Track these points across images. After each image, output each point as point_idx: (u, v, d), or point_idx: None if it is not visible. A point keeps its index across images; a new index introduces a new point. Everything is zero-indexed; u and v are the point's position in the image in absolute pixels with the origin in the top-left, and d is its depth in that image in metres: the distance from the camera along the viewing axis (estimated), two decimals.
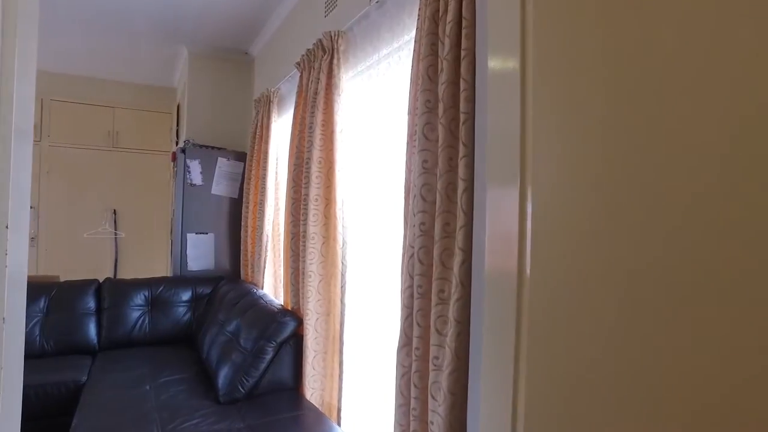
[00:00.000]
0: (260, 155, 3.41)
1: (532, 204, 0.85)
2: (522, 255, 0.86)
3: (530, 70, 0.87)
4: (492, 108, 0.98)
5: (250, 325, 2.42)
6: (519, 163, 0.88)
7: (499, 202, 0.93)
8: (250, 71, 4.46)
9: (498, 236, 0.93)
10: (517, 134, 0.89)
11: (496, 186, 0.95)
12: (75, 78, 5.21)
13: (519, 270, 0.87)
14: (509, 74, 0.92)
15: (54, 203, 5.07)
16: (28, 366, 2.66)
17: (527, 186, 0.87)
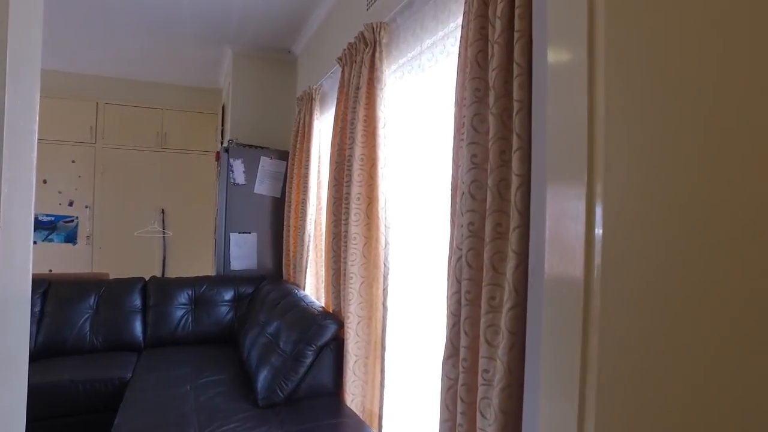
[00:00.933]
0: (302, 154, 3.37)
1: (603, 203, 0.73)
2: (590, 261, 0.74)
3: (600, 57, 0.75)
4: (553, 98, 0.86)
5: (290, 328, 2.37)
6: (586, 159, 0.76)
7: (562, 201, 0.81)
8: (293, 70, 4.45)
9: (560, 239, 0.81)
10: (583, 127, 0.77)
11: (558, 183, 0.83)
12: (127, 82, 5.35)
13: (586, 278, 0.74)
14: (574, 62, 0.80)
15: (107, 203, 5.22)
16: (78, 361, 2.70)
17: (596, 183, 0.74)
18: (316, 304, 2.57)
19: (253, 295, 3.41)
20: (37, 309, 3.10)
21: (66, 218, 5.12)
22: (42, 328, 3.05)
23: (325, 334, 2.24)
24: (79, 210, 5.16)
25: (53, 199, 5.09)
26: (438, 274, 1.74)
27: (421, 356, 1.91)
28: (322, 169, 3.21)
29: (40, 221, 5.06)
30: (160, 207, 5.36)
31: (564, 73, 0.83)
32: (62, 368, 2.71)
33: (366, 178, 2.20)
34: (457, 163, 1.37)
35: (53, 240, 5.09)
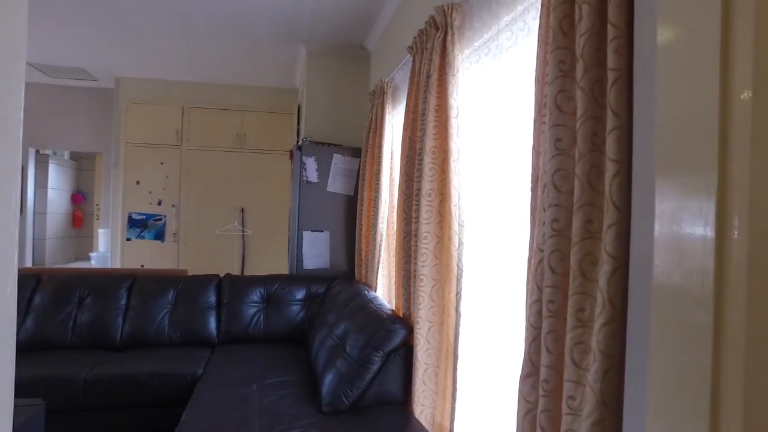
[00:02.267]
0: (374, 150, 3.26)
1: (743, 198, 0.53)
2: (723, 272, 0.54)
3: (738, 23, 0.55)
4: (666, 63, 0.66)
5: (357, 331, 2.26)
6: (717, 141, 0.56)
7: (680, 194, 0.61)
8: (366, 66, 4.37)
9: (676, 240, 0.61)
10: (713, 108, 0.57)
11: (673, 171, 0.63)
12: (209, 86, 5.55)
13: (717, 294, 0.55)
14: (698, 30, 0.60)
15: (191, 202, 5.45)
16: (157, 354, 2.77)
17: (731, 173, 0.54)
18: (386, 307, 2.45)
19: (324, 295, 3.36)
20: (123, 302, 3.24)
21: (155, 217, 5.39)
22: (127, 321, 3.17)
23: (394, 340, 2.11)
24: (167, 209, 5.42)
25: (144, 199, 5.38)
26: (517, 279, 1.55)
27: (498, 370, 1.72)
28: (395, 165, 3.09)
29: (134, 219, 5.36)
30: (239, 206, 5.51)
31: (683, 30, 0.63)
32: (142, 360, 2.79)
33: (438, 173, 2.04)
34: (537, 151, 1.18)
35: (144, 237, 5.37)
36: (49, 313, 3.14)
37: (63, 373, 2.61)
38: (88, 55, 4.91)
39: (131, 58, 4.93)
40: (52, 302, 3.18)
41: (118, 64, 5.15)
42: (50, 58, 5.06)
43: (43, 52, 4.89)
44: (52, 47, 4.75)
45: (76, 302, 3.20)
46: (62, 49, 4.79)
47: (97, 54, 4.87)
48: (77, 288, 3.23)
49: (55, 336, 3.09)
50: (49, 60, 5.13)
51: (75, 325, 3.12)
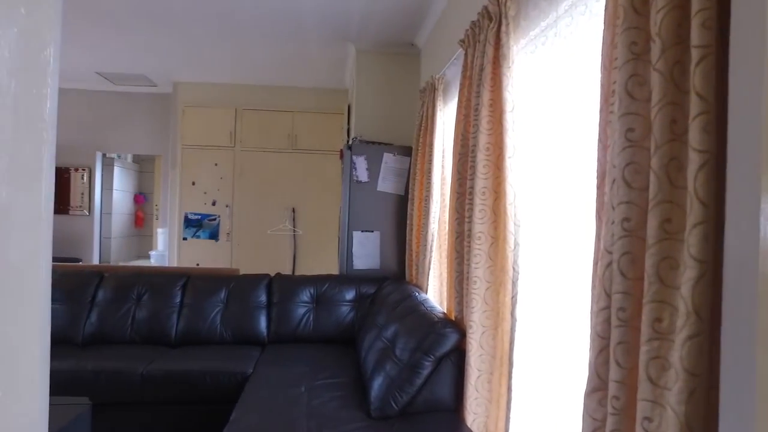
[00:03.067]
0: (425, 148, 3.19)
1: None
2: None
3: None
4: None
5: (407, 334, 2.19)
6: None
7: None
8: (416, 63, 4.30)
9: None
10: None
11: None
12: (261, 88, 5.64)
13: None
14: None
15: (244, 202, 5.56)
16: (208, 352, 2.81)
17: None
18: (437, 310, 2.37)
19: (374, 296, 3.32)
20: (177, 300, 3.31)
21: (210, 217, 5.53)
22: (181, 318, 3.24)
23: (445, 344, 2.03)
24: (221, 209, 5.54)
25: (200, 199, 5.53)
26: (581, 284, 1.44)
27: (558, 381, 1.61)
28: (446, 163, 3.01)
29: (190, 219, 5.52)
30: (291, 206, 5.57)
31: None
32: (195, 358, 2.84)
33: (492, 170, 1.94)
34: (604, 143, 1.07)
35: (200, 236, 5.52)
36: (110, 309, 3.26)
37: (122, 367, 2.69)
38: (148, 61, 5.09)
39: (187, 62, 5.07)
40: (113, 299, 3.29)
41: (175, 69, 5.31)
42: (115, 66, 5.29)
43: (109, 61, 5.11)
44: (117, 56, 4.95)
45: (134, 299, 3.30)
46: (125, 57, 4.99)
47: (157, 60, 5.03)
48: (135, 285, 3.34)
49: (115, 331, 3.19)
50: (114, 68, 5.36)
51: (133, 321, 3.22)
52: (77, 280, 3.37)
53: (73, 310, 3.25)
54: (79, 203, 6.14)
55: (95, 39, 4.51)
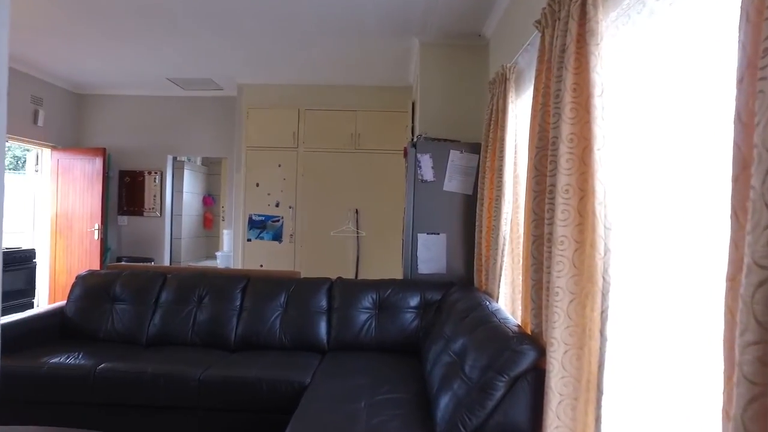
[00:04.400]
0: (496, 144, 2.94)
1: None
2: None
3: None
4: None
5: (478, 349, 1.97)
6: None
7: None
8: (484, 55, 4.05)
9: None
10: None
11: None
12: (323, 87, 5.58)
13: None
14: None
15: (307, 203, 5.51)
16: (266, 358, 2.68)
17: None
18: (511, 322, 2.12)
19: (440, 303, 3.11)
20: (237, 303, 3.26)
21: (273, 218, 5.52)
22: (241, 322, 3.18)
23: (521, 363, 1.79)
24: (284, 210, 5.52)
25: (263, 201, 5.53)
26: (700, 304, 1.17)
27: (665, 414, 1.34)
28: (520, 160, 2.75)
29: (254, 220, 5.54)
30: (354, 207, 5.45)
31: None
32: (253, 364, 2.75)
33: (576, 165, 1.68)
34: (747, 122, 0.82)
35: (263, 238, 5.52)
36: (172, 310, 3.25)
37: (180, 371, 2.64)
38: (214, 65, 5.15)
39: (251, 65, 5.09)
40: (175, 300, 3.29)
41: (239, 72, 5.35)
42: (183, 72, 5.40)
43: (178, 67, 5.22)
44: (185, 62, 5.04)
45: (195, 301, 3.28)
46: (193, 63, 5.07)
47: (222, 64, 5.08)
48: (197, 287, 3.32)
49: (177, 333, 3.18)
50: (183, 74, 5.48)
51: (194, 324, 3.19)
52: (142, 281, 3.39)
53: (138, 311, 3.27)
54: (152, 205, 6.34)
55: (166, 47, 4.60)
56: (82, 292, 3.38)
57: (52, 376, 2.68)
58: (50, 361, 2.74)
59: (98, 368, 2.68)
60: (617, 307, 1.59)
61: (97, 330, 3.24)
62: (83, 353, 2.86)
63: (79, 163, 6.08)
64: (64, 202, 6.12)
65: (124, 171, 6.37)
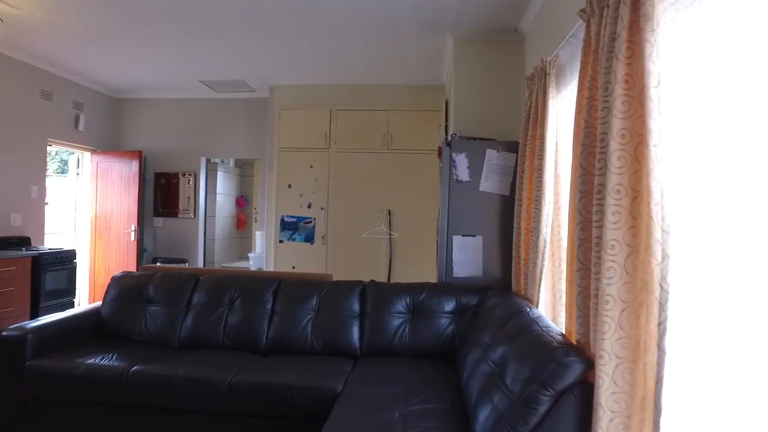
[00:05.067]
0: (535, 142, 2.81)
1: None
2: None
3: None
4: None
5: (520, 359, 1.85)
6: None
7: None
8: (520, 50, 3.91)
9: None
10: None
11: None
12: (355, 87, 5.53)
13: None
14: None
15: (339, 205, 5.46)
16: (298, 363, 2.60)
17: None
18: (554, 330, 1.99)
19: (476, 308, 2.99)
20: (269, 306, 3.22)
21: (305, 219, 5.49)
22: (272, 325, 3.14)
23: (567, 376, 1.66)
24: (316, 212, 5.49)
25: (295, 202, 5.51)
26: None
27: None
28: (561, 159, 2.62)
29: (286, 222, 5.52)
30: (386, 208, 5.37)
31: None
32: (284, 370, 2.69)
33: (629, 163, 1.55)
34: None
35: (295, 239, 5.50)
36: (204, 312, 3.23)
37: (211, 376, 2.60)
38: (246, 67, 5.15)
39: (282, 66, 5.07)
40: (206, 302, 3.27)
41: (271, 73, 5.34)
42: (216, 74, 5.44)
43: (211, 69, 5.25)
44: (218, 64, 5.07)
45: (227, 304, 3.25)
46: (225, 65, 5.09)
47: (254, 65, 5.08)
48: (228, 289, 3.29)
49: (209, 335, 3.16)
50: (216, 76, 5.51)
51: (226, 326, 3.16)
52: (175, 283, 3.38)
53: (170, 312, 3.26)
54: (186, 207, 6.41)
55: (199, 49, 4.63)
56: (117, 294, 3.40)
57: (87, 377, 2.68)
58: (86, 362, 2.75)
59: (131, 371, 2.67)
60: (678, 319, 1.45)
61: (131, 331, 3.25)
62: (117, 355, 2.87)
63: (117, 166, 6.19)
64: (102, 204, 6.25)
65: (160, 173, 6.46)
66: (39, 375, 2.73)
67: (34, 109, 5.25)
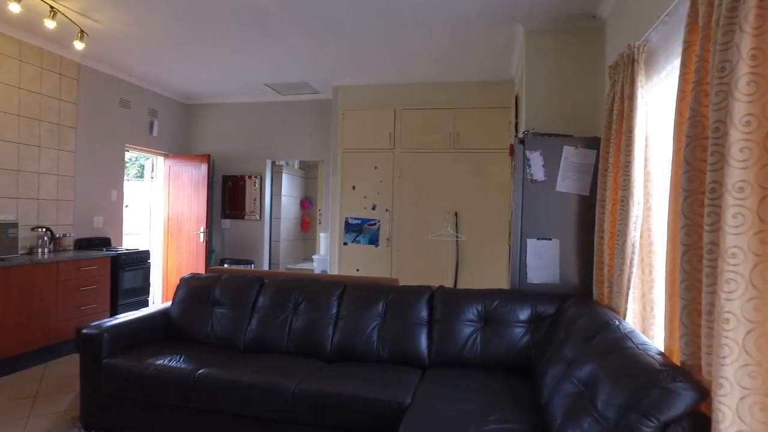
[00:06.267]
0: (620, 137, 2.55)
1: None
2: None
3: None
4: None
5: (613, 381, 1.62)
6: None
7: None
8: (598, 38, 3.62)
9: None
10: None
11: None
12: (420, 85, 5.37)
13: None
14: None
15: (404, 206, 5.32)
16: (363, 371, 2.43)
17: None
18: (652, 349, 1.75)
19: (554, 317, 2.76)
20: (334, 311, 3.13)
21: (370, 221, 5.39)
22: (337, 331, 3.05)
23: (675, 405, 1.42)
24: (381, 213, 5.37)
25: (360, 204, 5.43)
26: None
27: None
28: (651, 154, 2.35)
29: (350, 224, 5.45)
30: (453, 210, 5.18)
31: None
32: (349, 378, 2.58)
33: (756, 155, 1.30)
34: None
35: (360, 241, 5.42)
36: (269, 316, 3.20)
37: (275, 383, 2.53)
38: (310, 68, 5.13)
39: (346, 66, 5.00)
40: (271, 305, 3.24)
41: (335, 73, 5.29)
42: (280, 76, 5.45)
43: (275, 72, 5.27)
44: (282, 66, 5.07)
45: (291, 308, 3.20)
46: (289, 67, 5.09)
47: (317, 66, 5.05)
48: (293, 293, 3.24)
49: (273, 339, 3.12)
50: (280, 78, 5.54)
51: (290, 331, 3.11)
52: (240, 286, 3.38)
53: (236, 315, 3.25)
54: (252, 209, 6.50)
55: (264, 52, 4.64)
56: (185, 295, 3.43)
57: (156, 377, 2.70)
58: (156, 363, 2.77)
59: (197, 374, 2.65)
60: None
61: (198, 332, 3.26)
62: (185, 356, 2.87)
63: (187, 169, 6.37)
64: (174, 206, 6.45)
65: (227, 176, 6.59)
66: (113, 373, 2.78)
67: (114, 117, 5.50)
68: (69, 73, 4.89)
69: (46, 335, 4.14)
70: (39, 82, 4.57)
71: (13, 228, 3.99)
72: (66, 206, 4.92)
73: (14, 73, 4.33)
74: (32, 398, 3.37)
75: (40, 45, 4.53)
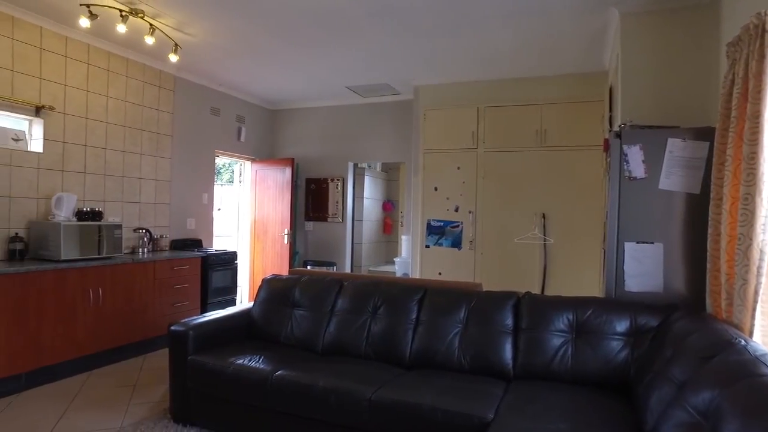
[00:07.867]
0: (742, 124, 2.20)
1: None
2: None
3: None
4: None
5: (747, 415, 1.35)
6: None
7: None
8: (709, 15, 3.23)
9: None
10: None
11: None
12: (503, 81, 5.15)
13: None
14: None
15: (488, 207, 5.11)
16: (443, 380, 2.20)
17: None
18: None
19: (658, 331, 2.45)
20: (414, 316, 3.02)
21: (452, 223, 5.22)
22: (416, 337, 2.94)
23: None
24: (463, 215, 5.19)
25: (442, 206, 5.28)
26: None
27: None
28: None
29: (432, 226, 5.31)
30: (540, 211, 4.88)
31: None
32: (428, 387, 2.44)
33: None
34: None
35: (442, 244, 5.26)
36: (347, 319, 3.15)
37: (351, 389, 2.45)
38: (390, 69, 5.06)
39: (426, 65, 4.88)
40: (350, 309, 3.19)
41: (415, 73, 5.19)
42: (361, 78, 5.44)
43: (356, 74, 5.27)
44: (362, 68, 5.05)
45: (370, 311, 3.13)
46: (370, 68, 5.06)
47: (398, 66, 4.97)
48: (372, 296, 3.17)
49: (351, 343, 3.06)
50: (361, 81, 5.53)
51: (368, 335, 3.04)
52: (319, 288, 3.36)
53: (315, 317, 3.23)
54: (334, 211, 6.55)
55: (345, 54, 4.64)
56: (266, 296, 3.48)
57: (236, 377, 2.73)
58: (236, 362, 2.80)
59: (275, 375, 2.64)
60: None
61: (278, 333, 3.28)
62: (264, 357, 2.88)
63: (272, 173, 6.56)
64: (260, 209, 6.67)
65: (310, 179, 6.71)
66: (197, 370, 2.85)
67: (205, 125, 5.80)
68: (167, 85, 5.21)
69: (145, 329, 4.41)
70: (141, 94, 4.92)
71: (118, 229, 4.28)
72: (163, 209, 5.23)
73: (122, 88, 4.72)
74: (132, 387, 3.60)
75: (143, 61, 4.88)
